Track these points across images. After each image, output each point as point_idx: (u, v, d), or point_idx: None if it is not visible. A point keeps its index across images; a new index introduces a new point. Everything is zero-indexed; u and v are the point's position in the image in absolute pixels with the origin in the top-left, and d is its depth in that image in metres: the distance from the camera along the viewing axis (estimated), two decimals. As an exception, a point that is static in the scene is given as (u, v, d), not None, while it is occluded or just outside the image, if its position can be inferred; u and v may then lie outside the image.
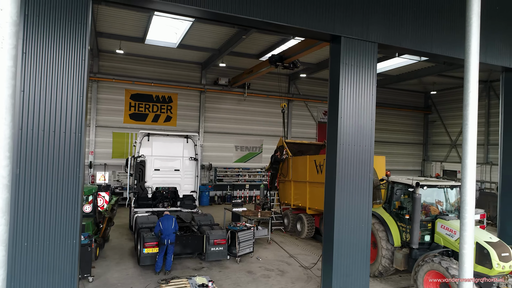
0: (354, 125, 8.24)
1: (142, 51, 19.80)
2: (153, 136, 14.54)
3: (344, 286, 8.10)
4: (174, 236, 9.93)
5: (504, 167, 10.71)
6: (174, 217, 10.27)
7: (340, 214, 8.06)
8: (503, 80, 10.84)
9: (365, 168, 8.35)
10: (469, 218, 5.57)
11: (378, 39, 8.42)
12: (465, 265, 5.61)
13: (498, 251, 7.80)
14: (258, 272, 10.32)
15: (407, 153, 29.09)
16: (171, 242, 9.78)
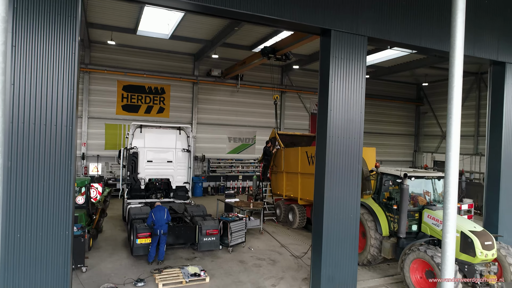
0: (344, 117, 8.35)
1: (134, 42, 19.67)
2: (145, 127, 14.56)
3: (333, 275, 8.30)
4: (167, 226, 10.06)
5: (490, 159, 10.93)
6: (166, 208, 10.39)
7: (329, 205, 8.22)
8: (491, 73, 10.99)
9: (354, 159, 8.50)
10: (452, 209, 5.75)
11: (367, 33, 8.49)
12: (447, 254, 5.80)
13: (482, 240, 8.04)
14: (249, 261, 10.52)
15: (398, 144, 29.41)
16: (163, 232, 9.91)
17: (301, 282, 9.11)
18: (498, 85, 10.77)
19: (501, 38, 10.43)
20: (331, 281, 8.28)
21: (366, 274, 9.88)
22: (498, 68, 10.78)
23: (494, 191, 10.74)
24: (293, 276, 9.53)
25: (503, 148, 10.62)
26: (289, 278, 9.38)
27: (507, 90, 10.65)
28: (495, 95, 10.86)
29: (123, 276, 9.03)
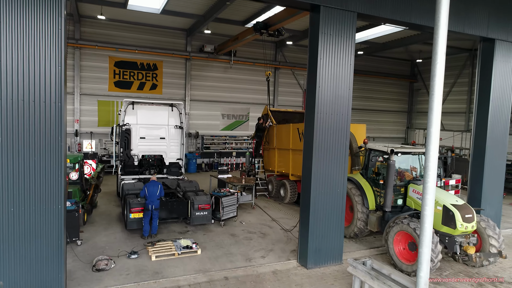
0: (332, 94, 8.45)
1: (125, 17, 19.32)
2: (137, 104, 14.54)
3: (320, 247, 8.64)
4: (158, 202, 10.29)
5: (476, 135, 11.15)
6: (160, 184, 10.57)
7: (316, 180, 8.45)
8: (481, 50, 11.05)
9: (341, 136, 8.66)
10: (431, 182, 5.98)
11: (357, 9, 8.46)
12: (426, 225, 6.08)
13: (462, 213, 8.34)
14: (240, 235, 10.86)
15: (391, 121, 29.61)
16: (155, 207, 10.16)
17: (290, 254, 9.46)
18: (487, 62, 10.86)
19: (491, 15, 10.43)
20: (318, 253, 8.63)
21: (352, 246, 10.26)
22: (488, 44, 10.84)
23: (479, 167, 11.03)
24: (282, 248, 9.88)
25: (489, 125, 10.84)
26: (278, 250, 9.73)
27: (496, 67, 10.75)
28: (484, 72, 10.97)
29: (117, 249, 9.32)
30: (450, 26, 9.72)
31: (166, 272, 8.09)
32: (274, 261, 8.98)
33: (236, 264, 8.71)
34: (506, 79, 11.00)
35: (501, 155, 11.18)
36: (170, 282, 7.67)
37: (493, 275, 8.68)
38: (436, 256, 7.98)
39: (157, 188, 10.32)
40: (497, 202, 11.22)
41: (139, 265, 8.44)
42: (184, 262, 8.69)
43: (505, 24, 10.68)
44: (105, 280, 7.60)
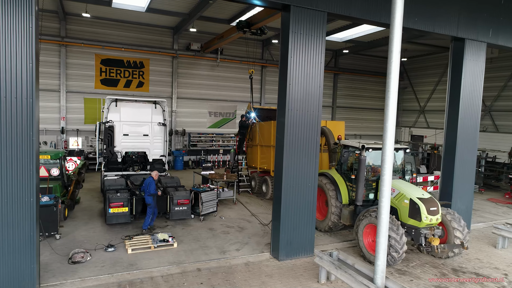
0: (303, 91, 8.71)
1: (111, 15, 19.43)
2: (121, 101, 14.72)
3: (291, 239, 8.91)
4: (150, 198, 10.55)
5: (447, 132, 11.50)
6: (150, 181, 10.69)
7: (287, 175, 8.71)
8: (452, 49, 11.38)
9: (312, 132, 8.92)
10: (388, 175, 6.27)
11: (327, 8, 8.72)
12: (382, 216, 6.38)
13: (427, 206, 8.67)
14: (219, 229, 11.11)
15: (378, 118, 29.97)
16: (146, 203, 10.51)
17: (264, 246, 9.73)
18: (458, 61, 11.20)
19: (461, 15, 10.76)
20: (289, 245, 8.91)
21: (327, 239, 10.57)
22: (458, 44, 11.17)
23: (450, 162, 11.39)
24: (258, 241, 10.15)
25: (459, 122, 11.18)
26: (254, 243, 10.00)
27: (466, 66, 11.09)
28: (455, 71, 11.30)
29: (95, 242, 9.53)
30: (420, 26, 10.13)
31: (141, 264, 8.33)
32: (248, 253, 9.25)
33: (210, 256, 8.96)
34: (476, 78, 11.36)
35: (471, 151, 11.54)
36: (144, 273, 7.91)
37: (458, 265, 9.03)
38: (401, 247, 8.30)
39: (149, 184, 10.55)
40: (467, 196, 11.58)
41: (115, 257, 8.67)
42: (159, 254, 8.93)
43: (475, 24, 11.01)
44: (79, 272, 7.81)
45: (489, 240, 10.94)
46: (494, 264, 9.21)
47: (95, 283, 7.40)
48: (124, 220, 10.77)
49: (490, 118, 23.22)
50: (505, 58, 21.96)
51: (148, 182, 10.66)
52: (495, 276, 8.51)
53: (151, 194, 10.59)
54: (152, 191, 10.64)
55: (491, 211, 14.70)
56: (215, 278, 7.84)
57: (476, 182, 18.43)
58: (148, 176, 11.00)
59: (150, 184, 10.62)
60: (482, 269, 8.88)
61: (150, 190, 10.57)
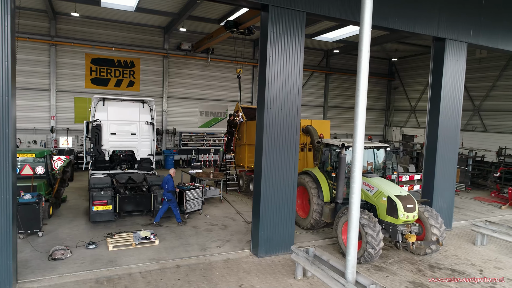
0: (282, 90, 8.82)
1: (100, 14, 19.48)
2: (108, 101, 14.77)
3: (271, 236, 9.02)
4: (170, 194, 11.03)
5: (429, 131, 11.64)
6: (170, 178, 11.21)
7: (267, 172, 8.82)
8: (433, 49, 11.52)
9: (292, 130, 9.03)
10: (358, 172, 6.39)
11: (306, 8, 8.83)
12: (353, 212, 6.49)
13: (404, 203, 8.80)
14: (202, 227, 11.20)
15: (370, 118, 30.04)
16: (167, 199, 10.98)
17: (245, 244, 9.83)
18: (438, 60, 11.34)
19: (442, 15, 10.91)
20: (269, 242, 9.02)
21: (308, 237, 10.68)
22: (439, 44, 11.31)
23: (431, 160, 11.53)
24: (240, 238, 10.25)
25: (440, 121, 11.33)
26: (235, 240, 10.10)
27: (446, 66, 11.24)
28: (436, 71, 11.45)
29: (77, 240, 9.60)
30: (400, 26, 10.27)
31: (121, 261, 8.41)
32: (228, 250, 9.35)
33: (191, 253, 9.06)
34: (457, 78, 11.51)
35: (452, 150, 11.69)
36: (122, 269, 7.99)
37: (435, 262, 9.16)
38: (377, 244, 8.42)
39: (168, 182, 11.08)
40: (449, 194, 11.73)
41: (96, 254, 8.74)
42: (140, 252, 9.01)
43: (456, 24, 11.16)
44: (59, 268, 7.88)
45: (469, 238, 11.09)
46: (471, 261, 9.36)
47: (73, 279, 7.48)
48: (108, 218, 10.85)
49: (479, 117, 23.43)
50: (494, 58, 22.17)
51: (166, 179, 11.11)
52: (471, 272, 8.65)
53: (170, 190, 11.03)
54: (171, 188, 11.09)
55: (475, 209, 14.87)
56: (193, 274, 7.93)
57: (463, 181, 18.71)
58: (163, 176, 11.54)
59: (168, 182, 11.07)
60: (458, 265, 9.02)
61: (168, 187, 11.02)
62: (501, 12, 11.84)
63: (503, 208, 15.20)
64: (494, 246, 10.53)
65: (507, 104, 21.84)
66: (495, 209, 15.12)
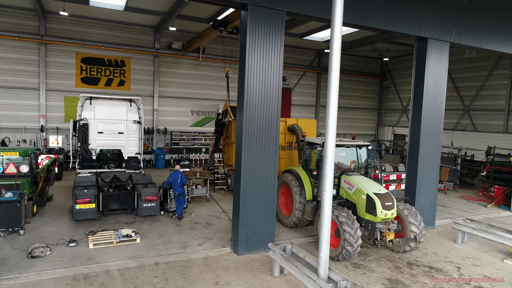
0: (261, 89, 8.87)
1: (90, 13, 19.47)
2: (95, 99, 14.80)
3: (251, 234, 9.07)
4: (182, 189, 11.57)
5: (412, 129, 11.72)
6: (181, 172, 11.88)
7: (246, 170, 8.87)
8: (416, 49, 11.59)
9: (271, 128, 9.08)
10: (329, 169, 6.44)
11: (285, 7, 8.88)
12: (325, 209, 6.55)
13: (383, 201, 8.86)
14: (186, 225, 11.24)
15: (362, 118, 30.25)
16: (178, 194, 11.47)
17: (227, 242, 9.87)
18: (421, 60, 11.42)
19: (424, 14, 10.99)
20: (249, 240, 9.07)
21: (291, 235, 10.73)
22: (422, 43, 11.39)
23: (414, 159, 11.61)
24: (222, 236, 10.29)
25: (422, 119, 11.41)
26: (217, 238, 10.14)
27: (429, 65, 11.32)
28: (418, 70, 11.53)
29: (58, 238, 9.61)
30: (381, 25, 10.34)
31: (100, 259, 8.43)
32: (209, 248, 9.39)
33: (171, 251, 9.09)
34: (439, 77, 11.59)
35: (435, 149, 11.77)
36: (100, 267, 8.02)
37: (414, 259, 9.24)
38: (355, 241, 8.49)
39: (177, 176, 11.63)
40: (431, 193, 11.81)
41: (76, 252, 8.77)
42: (121, 249, 9.04)
43: (438, 24, 11.24)
44: (36, 266, 7.90)
45: (451, 236, 11.18)
46: (450, 258, 9.44)
47: (50, 277, 7.51)
48: (91, 216, 10.88)
49: (469, 117, 23.56)
50: (483, 58, 22.30)
51: (179, 175, 11.68)
52: (448, 269, 8.73)
53: (183, 184, 11.71)
54: (185, 181, 11.85)
55: (461, 208, 14.97)
56: (171, 271, 7.98)
57: (452, 180, 18.79)
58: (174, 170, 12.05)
59: (182, 176, 11.72)
60: (436, 263, 9.10)
61: (183, 181, 11.71)
62: (484, 12, 11.93)
63: (489, 206, 15.30)
64: (474, 244, 10.62)
65: (496, 104, 21.98)
66: (481, 208, 15.22)
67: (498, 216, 14.01)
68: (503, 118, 21.45)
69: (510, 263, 9.19)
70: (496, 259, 9.53)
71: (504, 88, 21.49)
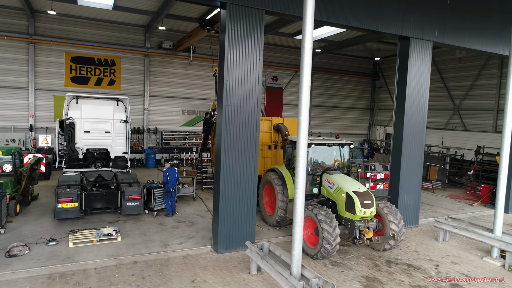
0: (241, 87, 8.87)
1: (79, 12, 19.43)
2: (82, 99, 14.76)
3: (231, 233, 9.08)
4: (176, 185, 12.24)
5: (395, 128, 11.76)
6: (176, 169, 12.44)
7: (226, 169, 8.88)
8: (399, 48, 11.64)
9: (251, 127, 9.09)
10: (302, 167, 6.47)
11: (264, 6, 8.89)
12: (297, 207, 6.57)
13: (361, 199, 8.89)
14: (169, 224, 11.24)
15: (355, 117, 30.32)
16: (174, 189, 12.03)
17: (208, 240, 9.87)
18: (404, 59, 11.47)
19: (407, 14, 11.03)
20: (229, 238, 9.08)
21: (273, 233, 10.75)
22: (405, 42, 11.43)
23: (397, 158, 11.65)
24: (204, 235, 10.30)
25: (405, 119, 11.46)
26: (199, 237, 10.15)
27: (411, 64, 11.37)
28: (401, 69, 11.58)
29: (39, 237, 9.59)
30: (363, 24, 10.38)
31: (78, 257, 8.43)
32: (190, 246, 9.41)
33: (151, 249, 9.10)
34: (422, 76, 11.63)
35: (418, 148, 11.81)
36: (78, 266, 8.02)
37: (393, 257, 9.28)
38: (334, 239, 8.51)
39: (174, 173, 12.14)
40: (414, 191, 11.85)
41: (55, 251, 8.75)
42: (100, 248, 9.04)
43: (421, 23, 11.29)
44: (13, 265, 7.89)
45: (434, 234, 11.23)
46: (430, 256, 9.49)
47: (26, 275, 7.49)
48: (73, 215, 10.87)
49: (459, 116, 23.66)
50: (473, 58, 22.39)
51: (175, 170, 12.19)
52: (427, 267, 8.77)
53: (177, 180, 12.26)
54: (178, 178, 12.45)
55: (447, 207, 15.03)
56: (149, 270, 7.98)
57: (441, 179, 18.87)
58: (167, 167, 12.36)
59: (176, 173, 12.19)
60: (416, 261, 9.14)
61: (177, 178, 12.27)
62: (467, 12, 11.99)
63: (475, 205, 15.37)
64: (456, 242, 10.67)
65: (485, 103, 22.08)
66: (467, 207, 15.30)
67: (483, 214, 14.08)
68: (492, 117, 21.55)
69: (489, 261, 9.24)
70: (475, 257, 9.58)
71: (493, 87, 21.61)
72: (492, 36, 12.56)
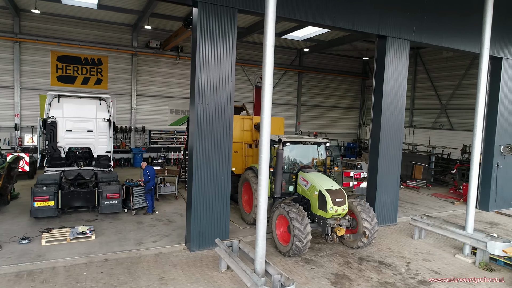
0: (213, 86, 8.89)
1: (64, 11, 19.39)
2: (64, 97, 14.75)
3: (203, 231, 9.10)
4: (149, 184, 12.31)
5: (373, 127, 11.84)
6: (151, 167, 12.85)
7: (198, 167, 8.90)
8: (376, 47, 11.70)
9: (224, 126, 9.11)
10: (264, 165, 6.50)
11: (236, 5, 8.92)
12: (261, 204, 6.61)
13: (333, 197, 8.94)
14: (147, 222, 11.25)
15: (345, 117, 30.41)
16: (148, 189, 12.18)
17: (183, 238, 9.89)
18: (381, 58, 11.52)
19: (384, 13, 11.09)
20: (202, 236, 9.10)
21: (250, 232, 10.77)
22: (382, 41, 11.49)
23: (375, 156, 11.71)
24: (180, 233, 10.32)
25: (382, 117, 11.53)
26: (175, 235, 10.17)
27: (388, 63, 11.43)
28: (378, 68, 11.63)
29: (13, 235, 9.58)
30: (338, 23, 10.42)
31: (49, 255, 8.43)
32: (163, 245, 9.42)
33: (124, 248, 9.10)
34: (400, 75, 11.69)
35: (396, 146, 11.87)
36: (47, 263, 8.01)
37: (366, 255, 9.33)
38: (305, 237, 8.55)
39: (153, 170, 12.55)
40: (392, 189, 11.91)
41: (27, 249, 8.75)
42: (73, 246, 9.04)
43: (398, 22, 11.35)
44: (-18, 263, 7.89)
45: (410, 232, 11.28)
46: (402, 254, 9.54)
47: (-7, 273, 7.49)
48: (50, 213, 10.85)
49: (446, 116, 23.78)
50: (460, 57, 22.51)
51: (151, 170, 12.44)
52: (398, 264, 8.82)
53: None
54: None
55: (428, 205, 15.11)
56: (119, 267, 7.98)
57: (426, 178, 18.98)
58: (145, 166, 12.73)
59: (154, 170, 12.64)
60: (388, 258, 9.20)
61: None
62: (445, 11, 12.07)
63: (457, 204, 15.47)
64: (431, 240, 10.74)
65: (471, 103, 22.13)
66: (449, 205, 15.39)
67: (463, 213, 14.13)
68: (478, 116, 21.62)
69: (461, 258, 9.32)
70: (448, 254, 9.65)
71: (479, 87, 21.68)
72: (470, 36, 12.65)
